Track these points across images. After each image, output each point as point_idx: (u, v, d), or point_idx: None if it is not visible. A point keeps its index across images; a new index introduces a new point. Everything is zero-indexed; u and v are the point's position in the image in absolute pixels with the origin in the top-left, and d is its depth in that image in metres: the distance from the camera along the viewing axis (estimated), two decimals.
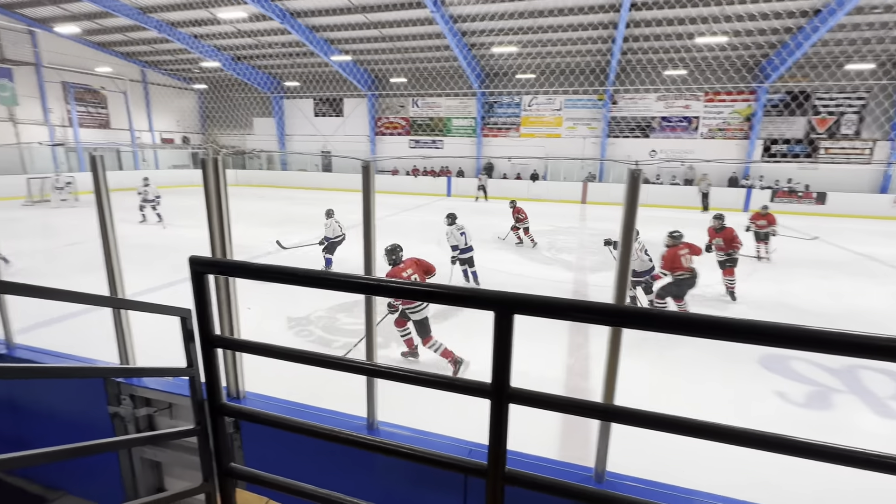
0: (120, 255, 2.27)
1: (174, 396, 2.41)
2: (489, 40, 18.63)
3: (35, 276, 7.43)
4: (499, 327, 1.01)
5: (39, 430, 3.04)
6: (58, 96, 21.40)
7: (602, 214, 16.85)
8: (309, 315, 6.23)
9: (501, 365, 1.02)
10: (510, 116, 23.00)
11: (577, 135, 22.12)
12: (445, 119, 24.14)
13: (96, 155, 2.20)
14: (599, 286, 7.81)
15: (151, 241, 10.51)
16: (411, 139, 24.95)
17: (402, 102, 24.69)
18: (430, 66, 22.34)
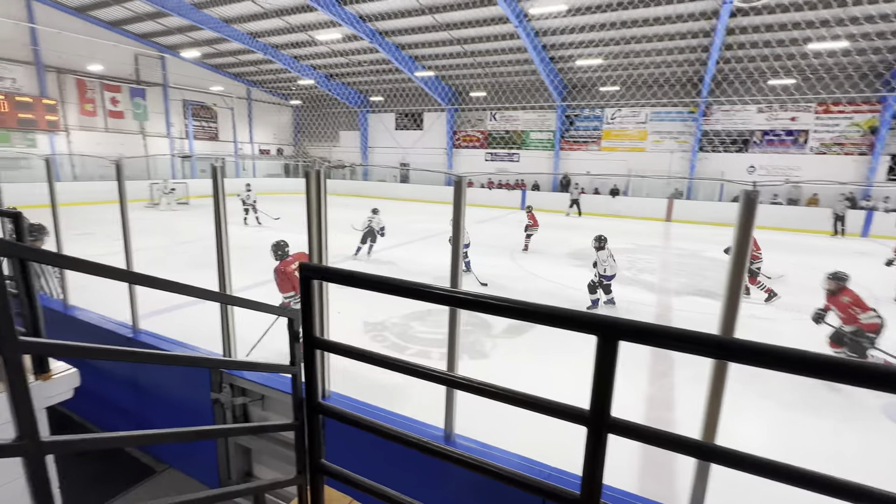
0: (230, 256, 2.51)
1: (267, 389, 2.60)
2: (573, 53, 18.31)
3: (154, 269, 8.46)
4: (601, 353, 0.97)
5: (154, 405, 3.43)
6: (178, 112, 24.42)
7: (688, 234, 15.70)
8: (384, 321, 6.44)
9: (602, 393, 0.98)
10: (591, 129, 22.33)
11: (663, 149, 20.92)
12: (523, 132, 24.01)
13: (217, 165, 2.46)
14: (685, 311, 7.25)
15: (247, 242, 11.49)
16: (487, 152, 25.11)
17: (481, 116, 24.97)
18: (510, 79, 22.42)
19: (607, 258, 7.20)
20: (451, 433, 2.14)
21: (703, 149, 20.02)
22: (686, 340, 0.88)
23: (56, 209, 3.96)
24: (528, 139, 23.95)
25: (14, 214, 2.22)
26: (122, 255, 3.57)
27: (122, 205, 3.37)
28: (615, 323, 0.95)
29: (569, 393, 4.46)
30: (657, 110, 20.70)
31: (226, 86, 25.94)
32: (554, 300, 7.56)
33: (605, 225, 17.24)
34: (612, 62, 18.55)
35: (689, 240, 14.39)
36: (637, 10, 14.62)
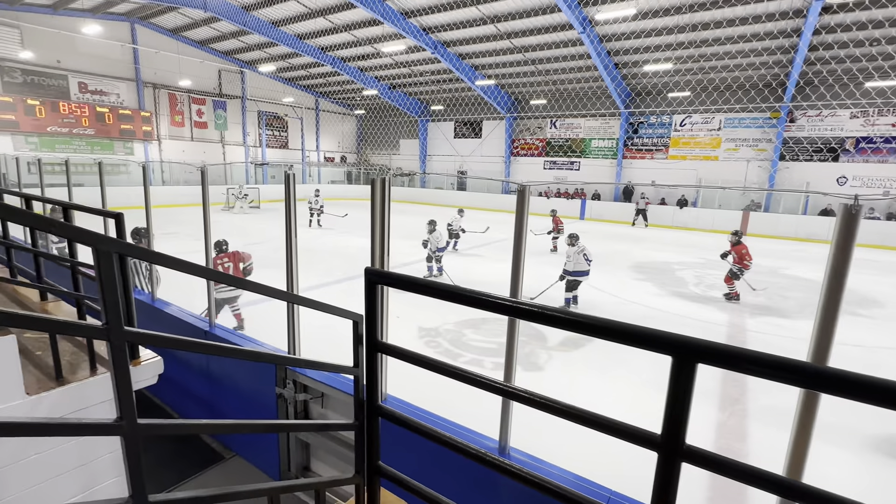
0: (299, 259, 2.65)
1: (327, 388, 2.70)
2: (640, 58, 17.64)
3: None
4: (677, 376, 0.91)
5: (224, 395, 3.68)
6: (253, 122, 26.26)
7: (766, 249, 14.50)
8: (438, 327, 6.48)
9: (676, 418, 0.92)
10: (658, 137, 21.35)
11: (738, 157, 19.54)
12: (584, 140, 23.42)
13: (290, 173, 2.60)
14: (761, 333, 6.68)
15: (311, 245, 12.06)
16: (546, 160, 24.72)
17: (540, 124, 24.67)
18: (571, 87, 22.00)
19: (574, 254, 7.37)
20: (506, 445, 2.10)
21: (785, 157, 18.48)
22: (778, 367, 0.81)
23: (149, 211, 4.38)
24: (590, 147, 23.32)
25: (116, 215, 2.47)
26: (202, 254, 3.87)
27: (204, 208, 3.66)
28: (694, 343, 0.89)
29: (626, 411, 4.26)
30: (732, 116, 19.40)
31: (296, 97, 27.56)
32: (609, 313, 7.26)
33: (672, 237, 16.34)
34: (682, 66, 17.66)
35: (767, 255, 13.29)
36: (712, 12, 13.84)
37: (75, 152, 18.97)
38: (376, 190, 2.22)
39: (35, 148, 18.23)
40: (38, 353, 2.50)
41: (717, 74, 18.05)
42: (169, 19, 20.49)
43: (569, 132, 23.87)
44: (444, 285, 1.24)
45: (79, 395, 2.21)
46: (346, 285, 8.28)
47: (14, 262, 3.38)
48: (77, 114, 19.01)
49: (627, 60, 18.23)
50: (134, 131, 20.78)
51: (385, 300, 2.03)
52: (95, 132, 19.63)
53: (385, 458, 1.56)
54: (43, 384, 2.17)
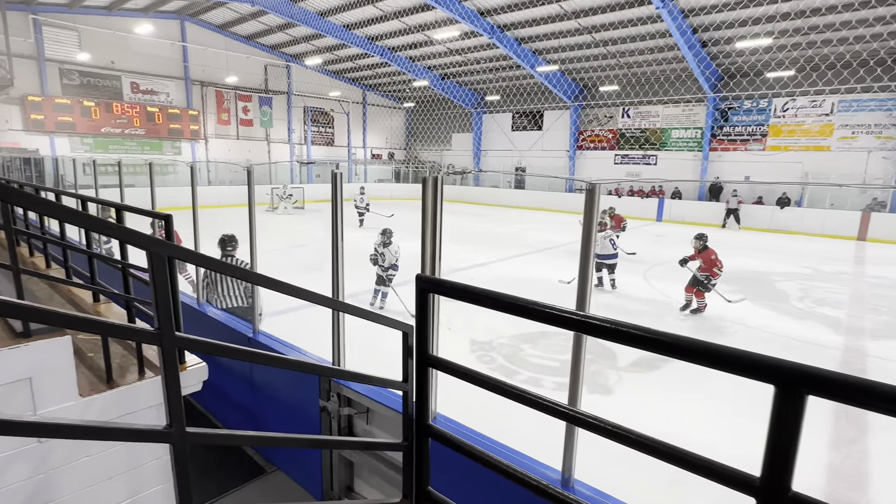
0: (345, 264, 2.74)
1: (373, 403, 2.76)
2: (732, 34, 16.70)
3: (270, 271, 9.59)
4: (780, 407, 0.85)
5: (267, 405, 3.86)
6: (299, 118, 27.56)
7: (891, 257, 13.19)
8: (492, 340, 6.45)
9: (781, 460, 0.86)
10: (753, 125, 20.09)
11: (856, 147, 17.96)
12: (662, 130, 22.51)
13: (337, 172, 2.70)
14: (887, 360, 6.08)
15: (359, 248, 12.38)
16: (618, 154, 24.01)
17: (611, 113, 24.00)
18: (648, 70, 21.22)
19: (601, 239, 8.55)
20: (570, 477, 2.05)
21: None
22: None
23: (196, 212, 4.71)
24: (669, 138, 22.38)
25: (165, 216, 2.68)
26: (247, 257, 4.10)
27: (250, 209, 3.88)
28: (804, 371, 0.82)
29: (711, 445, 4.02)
30: (848, 98, 17.87)
31: (343, 91, 28.60)
32: (695, 332, 6.90)
33: (771, 242, 15.28)
34: (784, 41, 16.51)
35: (891, 264, 12.10)
36: None
37: (127, 153, 20.79)
38: (428, 190, 2.25)
39: (90, 149, 20.17)
40: (90, 354, 2.75)
41: (829, 48, 16.68)
42: (217, 15, 21.98)
43: (644, 121, 23.05)
44: (505, 295, 1.23)
45: (128, 398, 2.40)
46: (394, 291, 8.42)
47: (70, 262, 3.75)
48: (129, 114, 20.85)
49: (716, 37, 17.31)
50: (182, 130, 22.45)
51: (437, 310, 2.05)
52: (146, 132, 21.43)
53: (435, 482, 1.57)
54: (94, 386, 2.38)
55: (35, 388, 2.07)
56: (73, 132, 19.61)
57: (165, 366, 1.02)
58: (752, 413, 4.36)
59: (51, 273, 4.29)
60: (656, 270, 10.81)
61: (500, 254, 12.13)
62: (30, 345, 1.99)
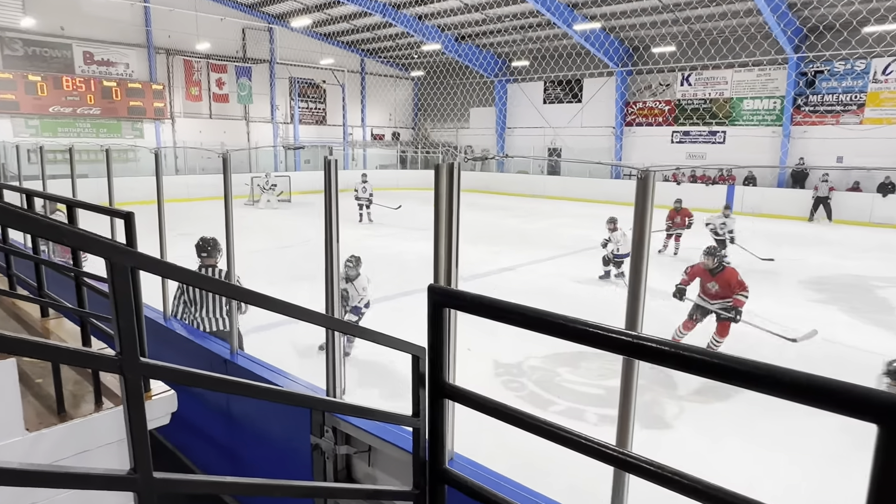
0: (339, 274, 2.75)
1: (376, 440, 2.77)
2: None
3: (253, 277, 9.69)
4: (886, 451, 0.84)
5: (248, 440, 3.91)
6: (283, 92, 27.87)
7: None
8: (521, 363, 6.45)
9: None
10: (847, 92, 19.76)
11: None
12: (732, 100, 22.28)
13: (331, 159, 2.73)
14: None
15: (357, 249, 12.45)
16: (676, 130, 23.82)
17: (667, 80, 23.80)
18: (713, 25, 20.96)
19: (621, 237, 9.81)
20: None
21: None
22: None
23: (162, 208, 4.78)
24: (740, 110, 22.14)
25: (126, 215, 2.73)
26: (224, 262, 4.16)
27: (226, 207, 3.93)
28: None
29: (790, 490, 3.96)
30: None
31: (336, 58, 28.76)
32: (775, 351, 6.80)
33: (870, 238, 15.00)
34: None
35: None
36: None
37: (79, 136, 21.23)
38: (441, 179, 2.25)
39: (36, 132, 20.64)
40: (38, 381, 2.81)
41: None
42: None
43: (709, 89, 22.86)
44: (537, 311, 1.23)
45: (83, 433, 2.45)
46: (401, 303, 8.48)
47: (13, 270, 3.85)
48: (82, 90, 21.29)
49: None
50: (144, 109, 22.86)
51: (454, 328, 2.05)
52: (102, 111, 21.86)
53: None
54: (44, 419, 2.44)
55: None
56: (15, 112, 20.10)
57: (129, 399, 1.04)
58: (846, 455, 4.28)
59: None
60: None
61: (531, 256, 12.09)
62: None
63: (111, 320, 1.17)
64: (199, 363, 4.19)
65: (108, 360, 1.02)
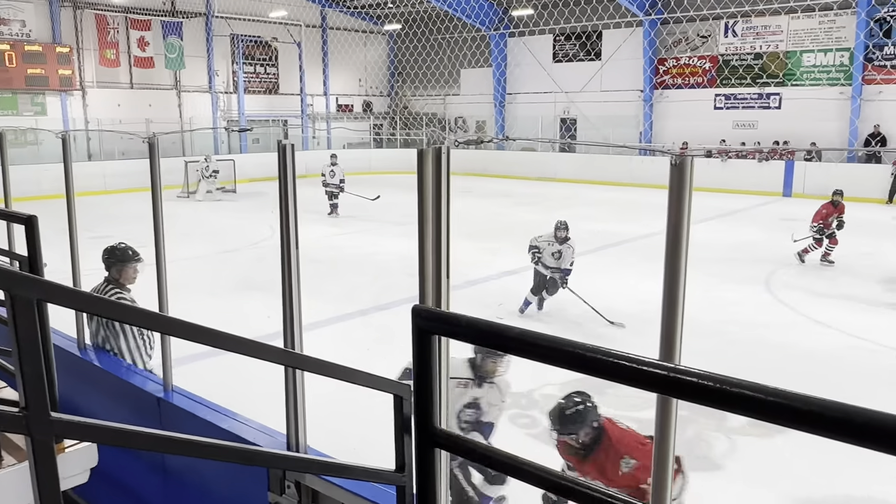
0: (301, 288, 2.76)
1: (351, 497, 2.78)
2: None
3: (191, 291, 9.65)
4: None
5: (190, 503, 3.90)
6: (224, 54, 27.68)
7: None
8: (533, 391, 6.48)
9: None
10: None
11: None
12: (788, 54, 22.47)
13: (286, 143, 2.72)
14: None
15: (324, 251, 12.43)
16: (719, 93, 23.98)
17: (708, 29, 23.93)
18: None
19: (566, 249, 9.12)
20: None
21: None
22: None
23: (72, 204, 4.75)
24: (799, 66, 22.34)
25: (27, 219, 2.71)
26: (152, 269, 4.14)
27: (154, 203, 3.91)
28: None
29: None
30: None
31: (291, 9, 28.60)
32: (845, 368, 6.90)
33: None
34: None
35: None
36: None
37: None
38: (427, 168, 2.24)
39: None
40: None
41: None
42: None
43: (760, 41, 23.11)
44: (546, 338, 1.24)
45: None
46: (377, 319, 8.48)
47: None
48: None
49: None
50: (47, 78, 22.65)
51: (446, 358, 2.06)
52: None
53: None
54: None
55: None
56: None
57: (37, 463, 1.04)
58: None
59: None
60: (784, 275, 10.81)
61: None
62: None
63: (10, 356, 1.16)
64: (125, 404, 4.17)
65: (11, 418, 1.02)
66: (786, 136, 22.47)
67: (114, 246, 5.28)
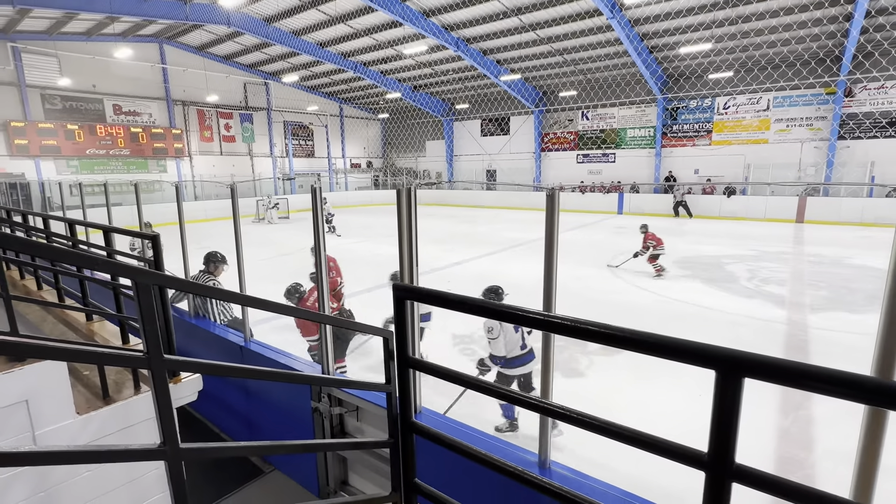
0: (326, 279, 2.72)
1: (362, 402, 2.76)
2: (675, 40, 17.12)
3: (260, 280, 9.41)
4: (722, 391, 0.89)
5: (261, 408, 3.81)
6: (279, 132, 27.11)
7: (828, 237, 13.74)
8: (472, 333, 6.48)
9: (723, 435, 0.90)
10: (699, 122, 20.64)
11: (791, 139, 18.63)
12: (619, 130, 22.93)
13: (316, 186, 2.68)
14: (826, 329, 6.34)
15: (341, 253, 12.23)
16: (579, 153, 24.34)
17: (571, 116, 24.31)
18: (602, 75, 21.58)
19: (499, 332, 3.94)
20: (545, 460, 2.09)
21: (844, 136, 17.46)
22: (835, 383, 0.77)
23: (183, 229, 4.60)
24: (625, 138, 22.81)
25: (153, 237, 2.61)
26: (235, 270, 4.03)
27: (235, 226, 3.81)
28: (739, 357, 0.86)
29: (675, 422, 4.13)
30: (781, 95, 18.52)
31: (320, 105, 28.23)
32: (653, 313, 7.07)
33: (720, 228, 15.75)
34: (724, 45, 17.01)
35: (828, 244, 12.60)
36: None
37: (112, 173, 20.12)
38: (402, 200, 2.25)
39: (76, 171, 19.45)
40: (86, 372, 2.67)
41: (762, 51, 17.29)
42: (195, 37, 21.45)
43: (602, 123, 23.42)
44: (476, 300, 1.25)
45: (125, 413, 2.35)
46: (377, 294, 8.39)
47: (61, 284, 3.63)
48: (113, 135, 20.19)
49: (661, 43, 17.75)
50: (166, 149, 21.86)
51: (416, 315, 2.06)
52: (130, 152, 20.79)
53: (422, 474, 1.58)
54: (91, 404, 2.32)
55: (32, 410, 2.00)
56: (58, 155, 18.89)
57: (156, 387, 1.01)
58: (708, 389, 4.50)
59: (43, 295, 4.14)
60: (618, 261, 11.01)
61: (476, 252, 12.18)
62: (24, 368, 1.92)
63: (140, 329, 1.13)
64: (220, 351, 4.07)
65: (138, 359, 0.99)
66: (619, 178, 22.98)
67: (213, 252, 5.15)
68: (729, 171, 19.91)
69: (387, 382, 1.72)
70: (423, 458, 2.44)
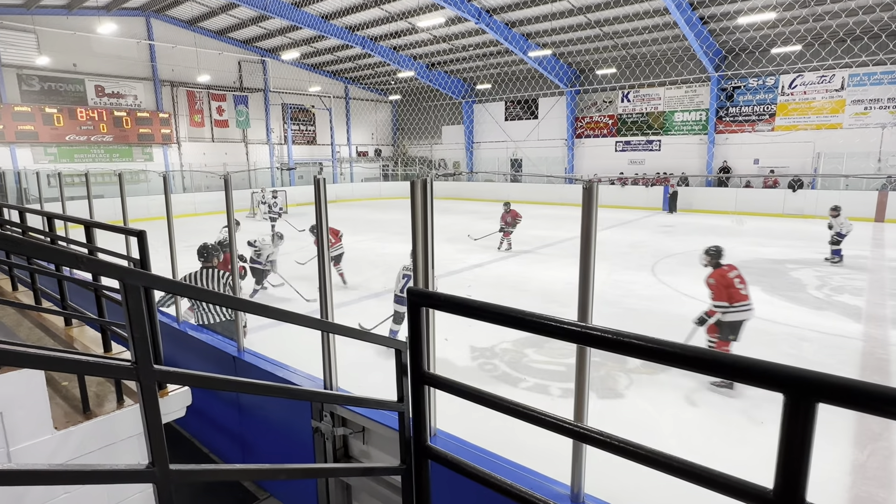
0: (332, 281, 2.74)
1: (369, 422, 2.77)
2: (734, 8, 16.81)
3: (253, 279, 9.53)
4: (791, 417, 0.87)
5: (256, 427, 3.87)
6: (277, 117, 27.48)
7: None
8: (493, 346, 6.47)
9: (793, 469, 0.88)
10: (760, 104, 20.23)
11: (870, 123, 18.12)
12: (665, 113, 22.63)
13: (320, 177, 2.71)
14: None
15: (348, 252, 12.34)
16: (618, 140, 24.11)
17: (610, 97, 24.09)
18: (647, 50, 21.31)
19: (843, 221, 10.99)
20: (579, 492, 2.07)
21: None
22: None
23: (171, 224, 4.69)
24: (672, 122, 22.50)
25: (139, 233, 2.68)
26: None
27: (229, 222, 3.87)
28: (811, 378, 0.84)
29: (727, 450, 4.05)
30: (859, 72, 18.03)
31: (323, 85, 28.50)
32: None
33: (783, 227, 15.40)
34: (789, 14, 16.63)
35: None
36: None
37: (94, 161, 20.65)
38: (417, 193, 2.25)
39: (54, 159, 20.02)
40: (64, 383, 2.75)
41: (837, 21, 16.83)
42: (185, 9, 21.88)
43: (645, 105, 23.17)
44: (501, 308, 1.25)
45: (107, 429, 2.41)
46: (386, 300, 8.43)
47: (38, 285, 3.74)
48: (95, 119, 20.72)
49: (717, 13, 17.42)
50: (153, 135, 22.35)
51: (432, 324, 2.06)
52: (114, 138, 21.31)
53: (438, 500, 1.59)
54: (71, 418, 2.38)
55: (7, 424, 2.06)
56: (35, 142, 19.47)
57: (145, 401, 1.03)
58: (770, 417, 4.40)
59: (18, 296, 4.27)
60: (664, 264, 10.85)
61: (498, 253, 12.16)
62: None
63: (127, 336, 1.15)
64: (211, 361, 4.13)
65: (125, 370, 1.01)
66: (664, 169, 22.67)
67: (205, 244, 5.27)
68: (795, 160, 19.45)
69: (399, 401, 1.73)
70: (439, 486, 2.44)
